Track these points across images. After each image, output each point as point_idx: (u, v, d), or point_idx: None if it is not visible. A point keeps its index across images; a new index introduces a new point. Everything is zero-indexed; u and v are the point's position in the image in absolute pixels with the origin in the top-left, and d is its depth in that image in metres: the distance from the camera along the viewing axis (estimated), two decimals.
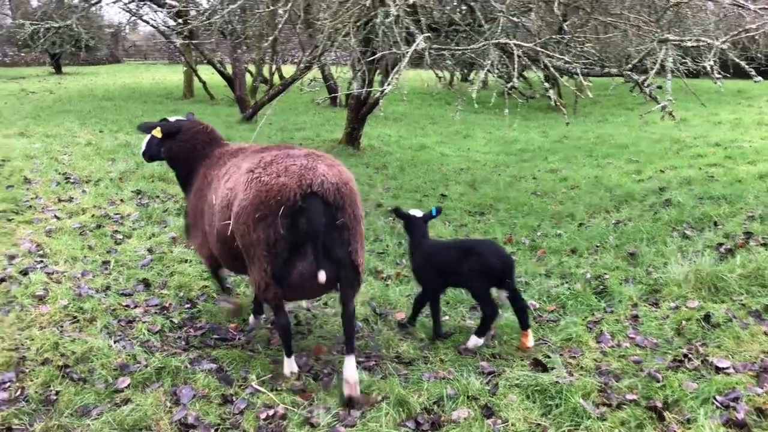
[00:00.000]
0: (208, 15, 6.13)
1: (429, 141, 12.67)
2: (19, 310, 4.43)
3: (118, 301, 4.68)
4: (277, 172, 3.42)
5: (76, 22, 12.83)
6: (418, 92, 19.33)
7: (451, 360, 3.99)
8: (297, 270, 3.45)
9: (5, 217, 6.32)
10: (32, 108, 15.74)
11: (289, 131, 12.65)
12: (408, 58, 5.11)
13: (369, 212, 7.26)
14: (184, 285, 5.04)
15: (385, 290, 5.04)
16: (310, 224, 3.35)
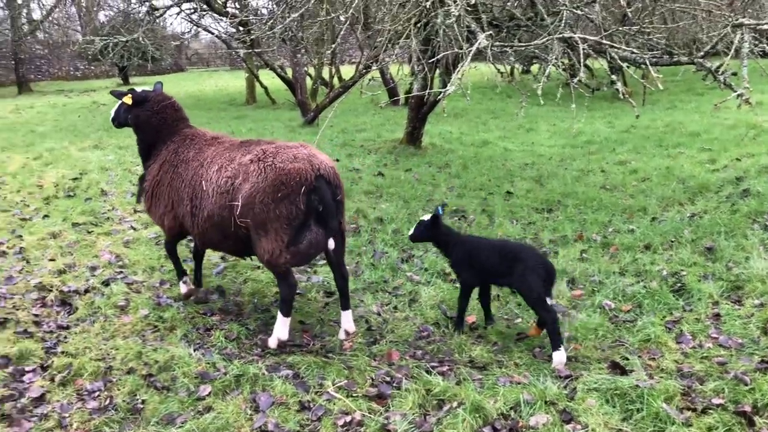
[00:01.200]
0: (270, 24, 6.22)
1: (491, 136, 12.53)
2: (104, 321, 4.62)
3: (196, 309, 4.82)
4: (288, 159, 4.08)
5: (142, 35, 13.27)
6: (479, 86, 19.14)
7: (526, 364, 3.94)
8: (306, 239, 4.11)
9: (86, 229, 6.61)
10: (104, 120, 16.34)
11: (350, 133, 12.74)
12: (470, 57, 5.06)
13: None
14: (257, 291, 5.15)
15: (454, 293, 5.00)
16: (322, 200, 4.06)
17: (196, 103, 20.58)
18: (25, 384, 3.74)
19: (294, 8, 6.34)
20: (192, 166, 4.56)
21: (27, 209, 7.41)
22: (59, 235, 6.43)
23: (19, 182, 8.73)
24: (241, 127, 13.58)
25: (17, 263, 5.72)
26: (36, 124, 15.77)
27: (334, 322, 4.59)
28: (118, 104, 4.98)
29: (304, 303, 4.94)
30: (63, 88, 33.36)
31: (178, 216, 4.64)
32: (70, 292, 5.11)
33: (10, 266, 5.64)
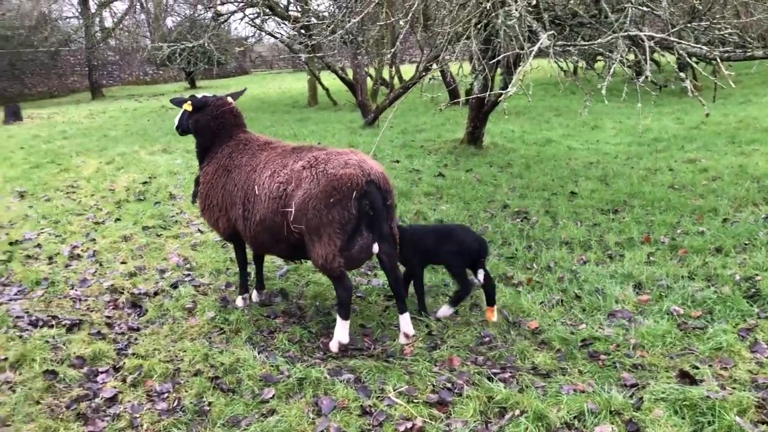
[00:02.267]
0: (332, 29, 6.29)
1: (554, 134, 12.32)
2: (172, 323, 4.77)
3: (260, 312, 4.92)
4: (340, 165, 4.16)
5: (208, 40, 13.61)
6: (541, 83, 18.85)
7: (590, 371, 3.85)
8: (358, 243, 4.20)
9: (155, 233, 6.83)
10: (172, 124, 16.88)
11: (410, 133, 12.74)
12: (531, 57, 4.99)
13: (495, 214, 7.17)
14: (319, 294, 5.21)
15: (516, 297, 4.94)
16: (373, 205, 4.14)
17: (260, 105, 20.98)
18: (99, 384, 3.90)
19: (354, 12, 6.38)
20: (245, 170, 4.67)
21: (100, 213, 7.72)
22: (130, 239, 6.67)
23: (93, 186, 9.10)
24: (303, 129, 13.77)
25: (91, 266, 5.98)
26: (108, 129, 16.41)
27: (395, 326, 4.60)
28: (181, 112, 5.15)
29: (364, 306, 4.97)
30: (133, 92, 34.55)
31: (231, 219, 4.74)
32: (140, 294, 5.30)
33: (85, 269, 5.89)
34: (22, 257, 6.22)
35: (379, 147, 10.67)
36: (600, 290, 4.99)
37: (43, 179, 9.89)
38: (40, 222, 7.41)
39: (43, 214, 7.71)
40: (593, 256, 5.78)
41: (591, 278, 5.24)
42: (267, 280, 5.48)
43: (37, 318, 4.80)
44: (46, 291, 5.37)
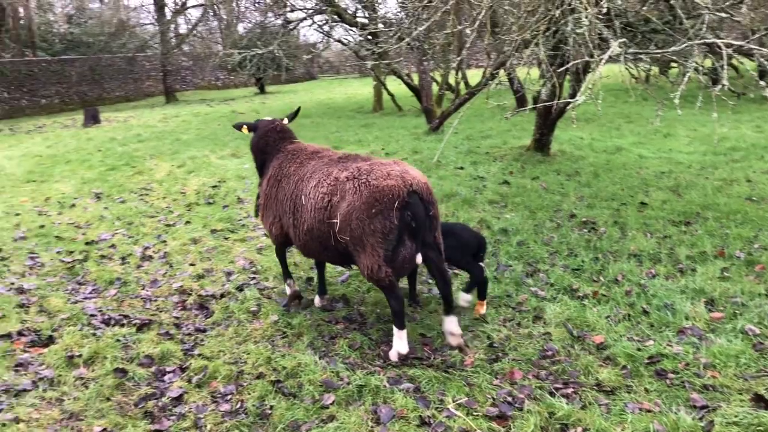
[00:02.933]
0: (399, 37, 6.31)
1: (625, 142, 11.99)
2: (237, 325, 4.87)
3: (321, 317, 4.97)
4: (382, 176, 4.23)
5: (277, 47, 13.88)
6: (612, 89, 18.40)
7: (657, 390, 3.72)
8: (401, 253, 4.22)
9: (223, 236, 7.00)
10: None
11: (475, 140, 12.65)
12: (601, 66, 4.87)
13: (561, 224, 7.03)
14: (380, 301, 5.22)
15: (581, 310, 4.83)
16: (415, 216, 4.17)
17: (326, 111, 21.24)
18: (166, 384, 4.02)
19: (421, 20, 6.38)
20: (293, 180, 4.88)
21: (171, 215, 7.98)
22: (199, 241, 6.86)
23: (165, 189, 9.41)
24: (368, 135, 13.86)
25: (161, 267, 6.17)
26: (180, 133, 16.93)
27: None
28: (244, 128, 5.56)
29: (425, 315, 4.95)
30: (205, 97, 35.56)
31: (284, 227, 4.94)
32: (207, 296, 5.44)
33: (156, 270, 6.09)
34: (97, 257, 6.49)
35: (443, 153, 10.63)
36: (669, 306, 4.82)
37: (118, 181, 10.29)
38: (115, 223, 7.71)
39: (118, 216, 8.02)
40: (663, 270, 5.60)
41: (660, 293, 5.07)
42: (329, 285, 5.54)
43: (110, 317, 4.99)
44: (118, 290, 5.58)
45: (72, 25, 46.15)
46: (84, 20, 45.54)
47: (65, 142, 16.43)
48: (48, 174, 11.48)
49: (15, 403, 3.76)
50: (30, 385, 3.95)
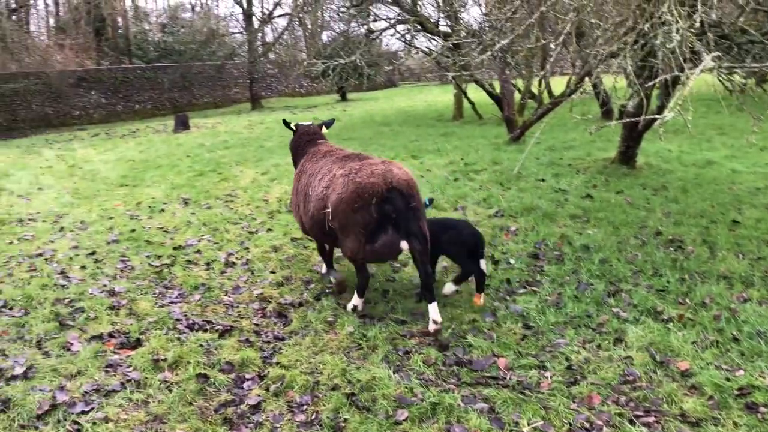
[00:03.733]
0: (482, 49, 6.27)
1: (716, 155, 11.47)
2: (314, 335, 4.95)
3: (396, 331, 4.99)
4: (366, 174, 4.93)
5: (359, 57, 14.05)
6: (703, 99, 17.64)
7: (747, 425, 3.54)
8: (381, 241, 4.94)
9: (302, 244, 7.14)
10: None
11: (557, 150, 12.39)
12: (692, 81, 4.68)
13: (646, 241, 6.79)
14: (455, 317, 5.19)
15: (665, 334, 4.65)
16: (396, 209, 4.85)
17: (406, 119, 21.33)
18: (245, 391, 4.13)
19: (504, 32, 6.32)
20: (307, 175, 5.73)
21: (254, 222, 8.20)
22: (279, 249, 7.03)
23: (248, 196, 9.69)
24: (447, 144, 13.82)
25: (243, 274, 6.36)
26: (264, 140, 17.40)
27: (533, 356, 4.49)
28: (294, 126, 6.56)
29: (501, 333, 4.88)
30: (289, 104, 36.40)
31: (301, 215, 5.75)
32: (286, 304, 5.56)
33: (238, 276, 6.28)
34: (183, 262, 6.74)
35: (524, 164, 10.47)
36: (763, 333, 4.57)
37: (205, 187, 10.67)
38: (201, 229, 8.00)
39: (204, 221, 8.32)
40: (756, 294, 5.32)
41: (752, 319, 4.82)
42: (404, 298, 5.55)
43: (194, 321, 5.18)
44: (202, 296, 5.78)
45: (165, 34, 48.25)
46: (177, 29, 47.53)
47: (156, 147, 17.19)
48: (140, 178, 12.03)
49: (105, 402, 3.95)
50: (118, 386, 4.15)
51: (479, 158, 11.64)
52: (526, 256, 6.53)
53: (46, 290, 5.92)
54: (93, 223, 8.60)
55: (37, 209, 9.72)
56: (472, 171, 10.53)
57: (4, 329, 5.04)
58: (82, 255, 7.09)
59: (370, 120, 22.05)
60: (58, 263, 6.82)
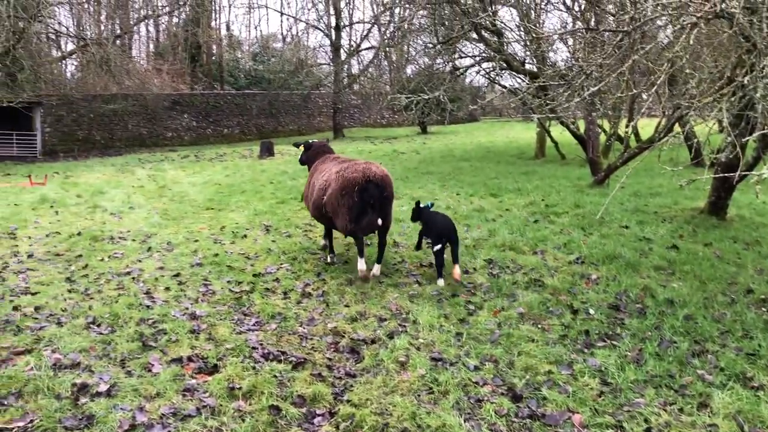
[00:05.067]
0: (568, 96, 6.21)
1: None
2: (385, 374, 4.93)
3: (469, 377, 4.91)
4: (351, 171, 6.94)
5: (443, 93, 14.15)
6: None
7: None
8: (365, 220, 6.89)
9: (377, 279, 7.18)
10: (402, 169, 17.72)
11: (642, 197, 12.03)
12: None
13: (736, 299, 6.47)
14: (531, 367, 5.07)
15: (755, 403, 4.39)
16: (371, 196, 6.83)
17: (485, 154, 21.26)
18: (315, 426, 4.16)
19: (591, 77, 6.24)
20: (315, 175, 8.02)
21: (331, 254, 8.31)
22: (354, 282, 7.09)
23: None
24: (527, 183, 13.67)
25: (319, 305, 6.44)
26: None
27: (610, 414, 4.33)
28: (302, 152, 9.00)
29: (577, 388, 4.72)
30: (370, 134, 36.94)
31: (310, 204, 7.91)
32: (359, 340, 5.58)
33: (313, 308, 6.36)
34: (262, 289, 6.90)
35: (608, 209, 10.22)
36: None
37: (285, 215, 10.92)
38: (281, 257, 8.18)
39: (283, 250, 8.50)
40: None
41: None
42: (479, 343, 5.48)
43: (269, 351, 5.27)
44: (278, 325, 5.89)
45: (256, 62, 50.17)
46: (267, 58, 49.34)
47: (242, 172, 17.75)
48: (225, 203, 12.44)
49: (181, 427, 4.06)
50: (194, 411, 4.26)
51: (561, 200, 11.44)
52: (606, 307, 6.34)
53: (131, 309, 6.17)
54: (179, 245, 8.93)
55: (127, 228, 10.20)
56: (553, 213, 10.36)
57: (92, 345, 5.28)
58: (167, 276, 7.37)
59: (449, 154, 22.10)
60: (144, 283, 7.11)
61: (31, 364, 4.85)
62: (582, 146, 16.28)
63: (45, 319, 5.94)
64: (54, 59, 37.83)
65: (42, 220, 10.96)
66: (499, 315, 6.10)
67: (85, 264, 7.93)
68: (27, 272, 7.58)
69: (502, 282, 6.96)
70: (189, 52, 46.59)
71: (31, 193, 14.53)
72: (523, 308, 6.23)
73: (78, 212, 11.86)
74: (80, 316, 5.98)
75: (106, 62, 32.14)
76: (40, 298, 6.54)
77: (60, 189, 15.57)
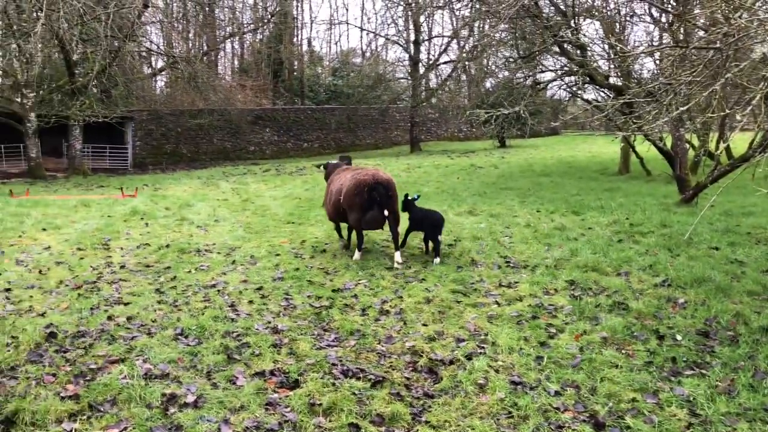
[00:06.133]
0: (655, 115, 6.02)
1: None
2: (463, 396, 4.90)
3: (549, 402, 4.81)
4: (362, 175, 8.65)
5: (523, 108, 14.00)
6: None
7: None
8: (371, 215, 8.52)
9: (455, 298, 7.15)
10: (479, 184, 17.60)
11: (734, 216, 11.50)
12: None
13: None
14: (614, 394, 4.91)
15: None
16: (379, 194, 8.43)
17: (567, 170, 20.85)
18: None
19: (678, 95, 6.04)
20: (331, 183, 9.74)
21: (408, 271, 8.35)
22: (432, 301, 7.08)
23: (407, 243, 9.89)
24: (611, 201, 13.31)
25: (396, 323, 6.46)
26: (422, 185, 17.73)
27: None
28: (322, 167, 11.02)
29: (664, 418, 4.53)
30: (447, 148, 36.88)
31: (328, 204, 9.67)
32: (437, 360, 5.56)
33: (391, 326, 6.39)
34: (341, 305, 6.99)
35: (696, 230, 9.82)
36: None
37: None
38: (359, 273, 8.27)
39: (361, 266, 8.60)
40: None
41: None
42: (560, 367, 5.36)
43: (348, 368, 5.33)
44: (357, 342, 5.95)
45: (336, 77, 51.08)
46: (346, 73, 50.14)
47: (321, 185, 18.04)
48: (305, 217, 12.70)
49: None
50: (276, 425, 4.35)
51: (646, 219, 11.08)
52: (694, 334, 6.08)
53: (217, 322, 6.39)
54: (261, 258, 9.19)
55: (213, 240, 10.57)
56: (638, 233, 10.04)
57: (180, 356, 5.49)
58: (251, 290, 7.58)
59: (528, 169, 21.79)
60: (228, 296, 7.35)
61: (125, 373, 5.10)
62: (669, 162, 15.73)
63: (136, 329, 6.23)
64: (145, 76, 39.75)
65: (133, 232, 11.50)
66: (581, 339, 5.95)
67: (173, 276, 8.27)
68: (119, 282, 7.97)
69: (584, 304, 6.79)
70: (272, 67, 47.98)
71: (123, 205, 15.28)
72: (606, 332, 6.06)
73: (166, 224, 12.39)
74: (169, 327, 6.23)
75: (193, 79, 33.52)
76: (132, 309, 6.86)
77: (149, 201, 16.31)
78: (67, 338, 5.97)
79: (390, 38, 40.67)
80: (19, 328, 6.19)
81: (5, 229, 11.70)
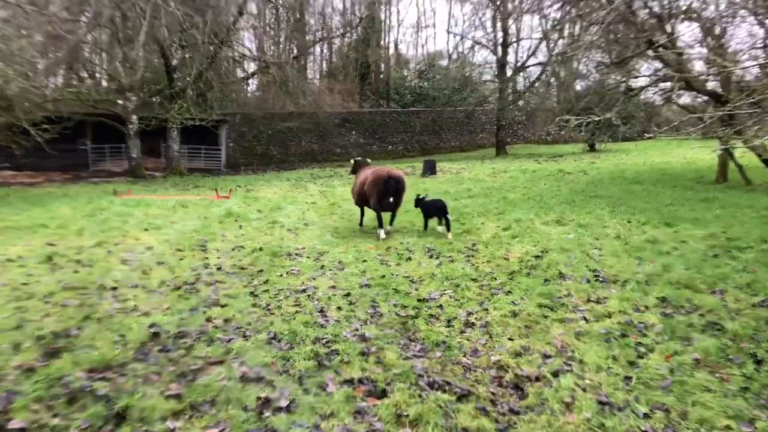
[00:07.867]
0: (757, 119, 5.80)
1: None
2: (549, 414, 4.90)
3: (638, 424, 4.74)
4: (380, 172, 11.65)
5: (616, 115, 13.67)
6: None
7: None
8: (386, 201, 11.53)
9: (542, 313, 7.11)
10: (568, 191, 17.27)
11: None
12: None
13: None
14: (706, 420, 4.79)
15: None
16: (391, 186, 11.43)
17: (660, 177, 20.13)
18: None
19: None
20: (357, 177, 12.76)
21: (494, 282, 8.34)
22: (518, 315, 7.07)
23: (489, 252, 9.89)
24: (707, 212, 12.76)
25: (482, 336, 6.50)
26: (507, 191, 17.57)
27: None
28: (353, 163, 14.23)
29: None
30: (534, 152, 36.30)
31: (355, 195, 12.57)
32: (523, 376, 5.57)
33: (476, 339, 6.44)
34: (426, 315, 7.10)
35: None
36: None
37: (449, 239, 11.09)
38: (444, 283, 8.35)
39: (446, 275, 8.67)
40: None
41: None
42: (649, 388, 5.26)
43: (434, 380, 5.42)
44: (443, 354, 6.03)
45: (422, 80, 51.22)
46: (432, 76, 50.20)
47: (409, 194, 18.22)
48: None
49: None
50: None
51: (745, 233, 10.59)
52: None
53: (307, 327, 6.63)
54: (349, 264, 9.42)
55: (302, 245, 10.91)
56: (736, 248, 9.63)
57: (273, 361, 5.75)
58: (339, 296, 7.81)
59: (619, 175, 21.19)
60: (318, 301, 7.59)
61: (223, 375, 5.40)
62: None
63: (233, 331, 6.55)
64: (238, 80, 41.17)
65: (228, 234, 12.02)
66: (671, 359, 5.81)
67: (266, 279, 8.62)
68: (216, 284, 8.38)
69: (676, 323, 6.61)
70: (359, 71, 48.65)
71: (218, 206, 15.96)
72: (698, 354, 5.89)
73: (259, 227, 12.87)
74: (263, 331, 6.52)
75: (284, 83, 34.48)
76: (229, 311, 7.21)
77: (242, 203, 16.95)
78: (169, 338, 6.36)
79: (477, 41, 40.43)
80: (126, 326, 6.63)
81: (111, 228, 12.49)
